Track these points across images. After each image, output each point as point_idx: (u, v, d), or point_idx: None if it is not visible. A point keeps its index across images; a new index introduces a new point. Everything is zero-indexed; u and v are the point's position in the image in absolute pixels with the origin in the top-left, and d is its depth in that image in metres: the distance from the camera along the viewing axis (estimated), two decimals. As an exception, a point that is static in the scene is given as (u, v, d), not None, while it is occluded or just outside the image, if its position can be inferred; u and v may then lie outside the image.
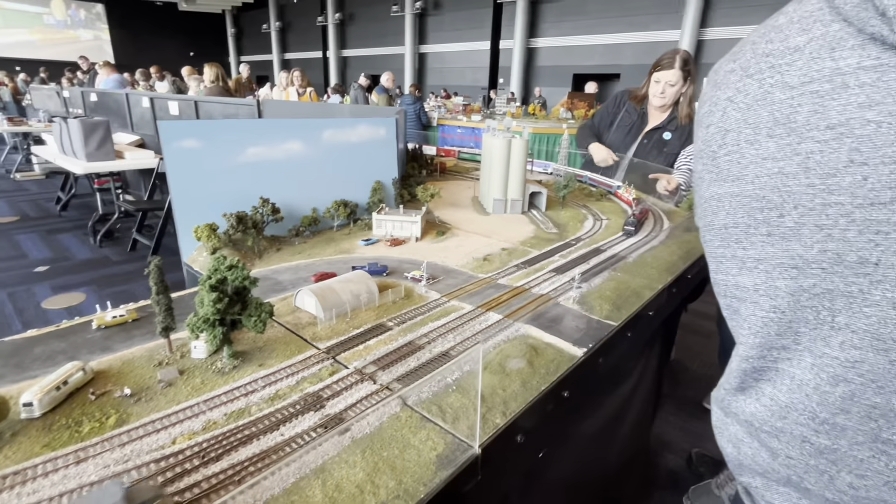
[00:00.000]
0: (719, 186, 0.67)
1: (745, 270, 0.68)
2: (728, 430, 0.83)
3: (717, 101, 0.66)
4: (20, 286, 4.82)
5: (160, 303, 1.20)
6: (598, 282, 1.80)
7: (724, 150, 0.65)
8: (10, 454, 0.92)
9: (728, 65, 0.66)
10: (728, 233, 0.68)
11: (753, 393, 0.74)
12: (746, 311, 0.70)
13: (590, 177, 3.43)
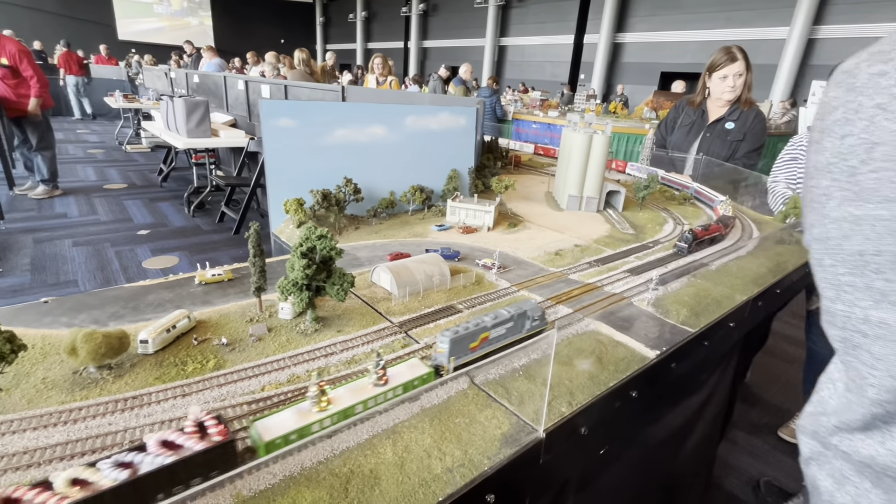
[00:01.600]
0: (857, 207, 0.58)
1: (885, 305, 0.59)
2: (830, 464, 0.77)
3: (858, 108, 0.57)
4: (125, 246, 5.42)
5: (255, 265, 1.33)
6: (675, 286, 1.74)
7: (870, 167, 0.56)
8: (130, 381, 1.06)
9: (874, 66, 0.57)
10: (864, 260, 0.60)
11: (879, 436, 0.68)
12: (882, 349, 0.61)
13: (663, 176, 3.34)
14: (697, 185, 3.07)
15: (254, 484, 0.81)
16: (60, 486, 0.63)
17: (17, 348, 0.98)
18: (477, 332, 1.12)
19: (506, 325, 1.18)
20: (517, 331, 1.22)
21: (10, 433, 0.88)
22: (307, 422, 0.87)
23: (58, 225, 5.94)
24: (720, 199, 2.63)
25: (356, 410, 0.93)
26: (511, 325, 1.20)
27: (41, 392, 1.00)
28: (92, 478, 0.65)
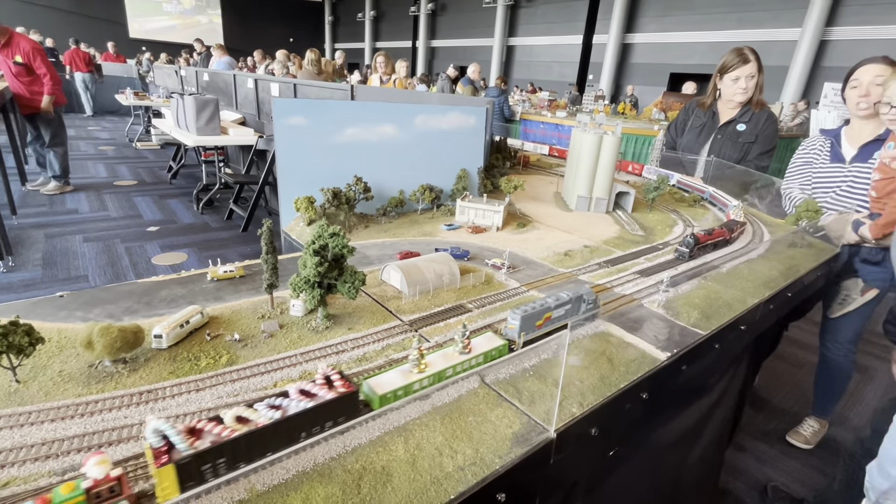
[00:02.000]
0: None
1: None
2: None
3: None
4: (135, 242, 5.47)
5: (268, 262, 1.34)
6: (686, 288, 1.73)
7: None
8: (145, 375, 1.07)
9: None
10: None
11: None
12: None
13: (679, 180, 3.31)
14: (713, 190, 3.01)
15: (267, 479, 0.82)
16: (229, 421, 0.80)
17: (36, 341, 0.99)
18: (542, 311, 1.24)
19: (565, 307, 1.30)
20: (573, 313, 1.33)
21: (29, 424, 0.90)
22: (410, 381, 1.01)
23: (69, 220, 6.01)
24: (733, 204, 2.60)
25: (447, 374, 1.07)
26: (569, 308, 1.31)
27: (58, 385, 1.02)
28: (252, 416, 0.82)
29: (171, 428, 0.73)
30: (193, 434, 0.76)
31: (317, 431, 0.88)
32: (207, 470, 0.75)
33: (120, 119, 13.81)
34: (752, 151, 3.29)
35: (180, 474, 0.71)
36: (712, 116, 3.49)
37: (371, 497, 0.81)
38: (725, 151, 3.38)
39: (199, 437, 0.75)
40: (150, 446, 0.72)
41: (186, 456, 0.71)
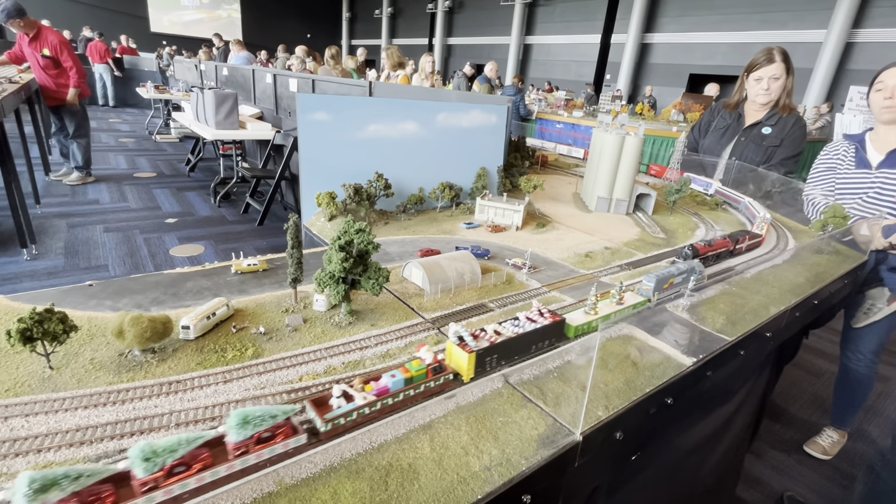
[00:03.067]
0: None
1: None
2: None
3: None
4: (154, 233, 5.55)
5: (293, 256, 1.34)
6: (710, 293, 1.70)
7: None
8: (173, 366, 1.09)
9: None
10: None
11: None
12: None
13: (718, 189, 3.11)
14: (749, 201, 2.77)
15: (296, 472, 0.82)
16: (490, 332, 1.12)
17: (69, 329, 1.01)
18: (668, 277, 1.55)
19: (682, 276, 1.59)
20: (686, 282, 1.60)
21: (63, 411, 0.91)
22: (590, 319, 1.30)
23: (90, 211, 6.12)
24: (760, 216, 2.44)
25: (610, 317, 1.35)
26: (685, 276, 1.60)
27: (90, 372, 1.03)
28: (503, 331, 1.14)
29: (466, 332, 1.08)
30: (475, 339, 1.08)
31: (540, 347, 1.20)
32: (488, 361, 1.08)
33: (140, 112, 14.03)
34: (776, 155, 3.22)
35: (477, 361, 1.05)
36: (738, 118, 3.42)
37: (398, 494, 0.81)
38: (748, 154, 3.31)
39: (478, 341, 1.08)
40: (454, 343, 1.05)
41: (481, 349, 1.05)
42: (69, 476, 0.62)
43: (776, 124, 3.22)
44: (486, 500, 0.82)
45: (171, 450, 0.69)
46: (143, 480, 0.67)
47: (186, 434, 0.73)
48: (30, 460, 0.80)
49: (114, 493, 0.65)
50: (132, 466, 0.68)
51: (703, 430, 1.69)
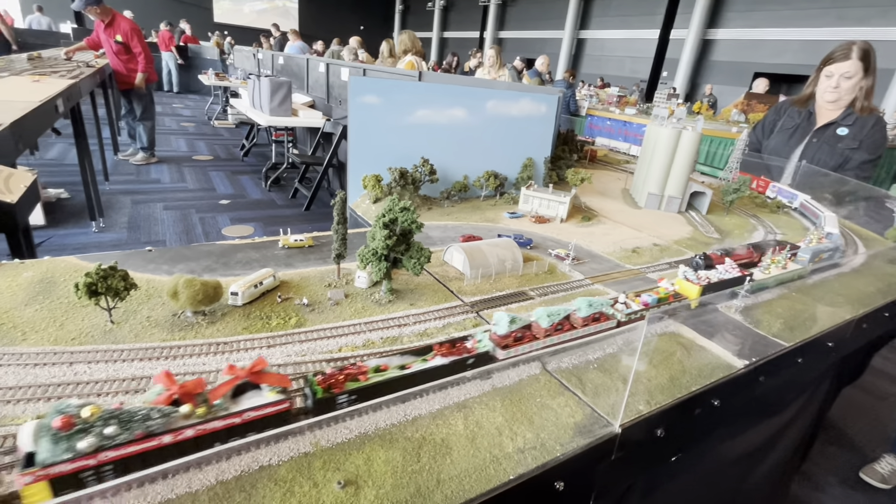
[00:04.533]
0: None
1: None
2: None
3: None
4: (208, 213, 5.82)
5: (338, 232, 1.37)
6: (767, 296, 1.61)
7: None
8: (221, 328, 1.14)
9: None
10: None
11: None
12: None
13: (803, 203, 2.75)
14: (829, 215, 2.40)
15: (331, 436, 0.84)
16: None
17: (130, 286, 1.08)
18: (819, 251, 1.82)
19: (830, 251, 1.88)
20: (833, 257, 1.90)
21: (121, 361, 0.97)
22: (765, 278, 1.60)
23: (152, 189, 6.49)
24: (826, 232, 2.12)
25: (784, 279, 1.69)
26: (833, 253, 1.90)
27: (146, 329, 1.09)
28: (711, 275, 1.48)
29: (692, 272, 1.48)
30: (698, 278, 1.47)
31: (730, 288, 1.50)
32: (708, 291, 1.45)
33: (201, 98, 14.72)
34: (854, 159, 2.97)
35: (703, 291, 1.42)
36: (808, 117, 3.17)
37: (430, 466, 0.81)
38: (821, 157, 3.06)
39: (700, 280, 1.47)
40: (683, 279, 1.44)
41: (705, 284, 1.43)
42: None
43: (853, 124, 2.97)
44: (519, 482, 0.81)
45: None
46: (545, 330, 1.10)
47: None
48: (90, 403, 0.85)
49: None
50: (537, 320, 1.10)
51: (751, 441, 1.60)
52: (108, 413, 0.68)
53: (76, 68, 5.37)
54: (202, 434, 0.73)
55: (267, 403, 0.78)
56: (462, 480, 0.79)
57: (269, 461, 0.77)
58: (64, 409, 0.66)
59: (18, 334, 1.02)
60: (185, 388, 0.75)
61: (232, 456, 0.76)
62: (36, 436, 0.64)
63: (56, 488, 0.64)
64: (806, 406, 1.89)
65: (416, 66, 6.92)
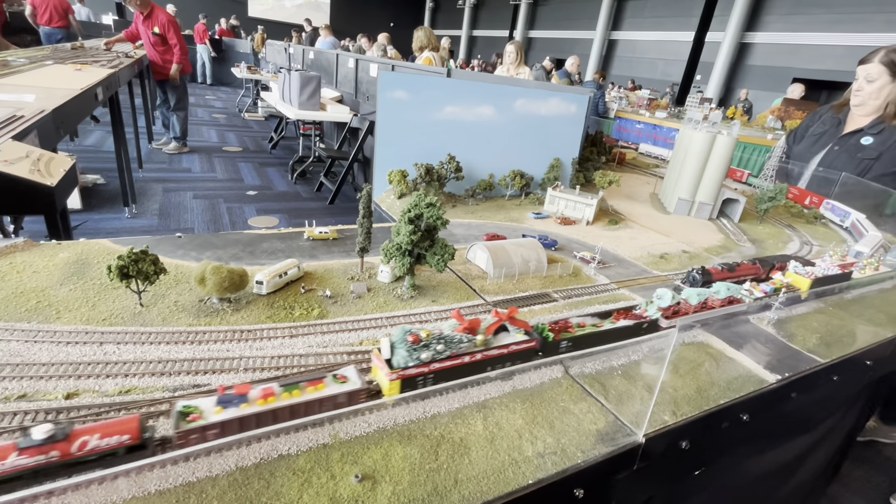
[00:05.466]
0: None
1: None
2: None
3: None
4: (236, 203, 5.94)
5: (363, 225, 1.37)
6: (801, 310, 1.54)
7: None
8: (245, 316, 1.15)
9: None
10: None
11: None
12: None
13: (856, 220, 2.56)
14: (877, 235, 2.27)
15: (350, 429, 0.84)
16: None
17: (160, 271, 1.10)
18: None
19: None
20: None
21: (148, 343, 0.99)
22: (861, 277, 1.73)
23: (183, 178, 6.65)
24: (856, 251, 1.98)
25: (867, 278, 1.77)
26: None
27: (173, 313, 1.11)
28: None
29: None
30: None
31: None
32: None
33: (232, 90, 15.03)
34: (872, 169, 2.81)
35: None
36: (837, 124, 3.03)
37: (448, 465, 0.80)
38: (838, 165, 2.90)
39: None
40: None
41: None
42: None
43: (879, 134, 2.80)
44: (538, 487, 0.79)
45: None
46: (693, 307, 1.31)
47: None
48: (118, 382, 0.87)
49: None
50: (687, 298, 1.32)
51: (777, 459, 1.54)
52: (438, 336, 0.93)
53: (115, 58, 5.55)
54: (485, 359, 0.97)
55: (522, 340, 1.02)
56: (480, 482, 0.78)
57: (289, 450, 0.77)
58: (411, 329, 0.92)
59: (53, 312, 1.05)
60: (471, 323, 0.99)
61: (252, 443, 0.77)
62: (392, 347, 0.90)
63: (403, 387, 0.89)
64: (837, 426, 1.81)
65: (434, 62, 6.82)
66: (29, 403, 0.80)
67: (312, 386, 0.84)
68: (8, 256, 1.26)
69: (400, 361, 0.88)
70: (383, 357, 0.89)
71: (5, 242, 1.30)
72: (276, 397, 0.80)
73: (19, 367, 0.87)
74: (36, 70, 3.55)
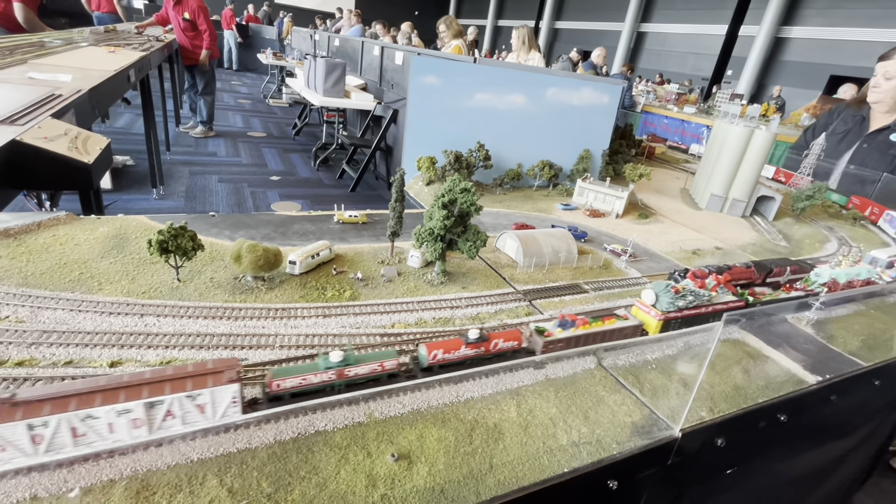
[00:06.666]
0: None
1: None
2: None
3: None
4: (259, 188, 6.01)
5: (395, 209, 1.37)
6: (842, 311, 1.50)
7: None
8: (279, 294, 1.16)
9: None
10: None
11: None
12: None
13: None
14: None
15: (385, 409, 0.84)
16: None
17: (197, 247, 1.11)
18: None
19: None
20: None
21: (187, 317, 1.01)
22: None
23: (209, 161, 6.75)
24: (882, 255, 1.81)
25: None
26: None
27: (209, 289, 1.13)
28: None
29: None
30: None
31: None
32: None
33: (258, 77, 15.16)
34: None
35: None
36: (860, 122, 2.97)
37: (482, 450, 0.80)
38: (870, 163, 2.85)
39: None
40: None
41: None
42: None
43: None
44: (574, 476, 0.79)
45: None
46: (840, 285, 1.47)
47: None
48: (159, 354, 0.89)
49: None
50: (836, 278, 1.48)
51: (811, 462, 1.50)
52: (689, 289, 1.22)
53: (146, 42, 5.64)
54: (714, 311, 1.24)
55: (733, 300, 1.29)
56: (515, 467, 0.77)
57: (325, 427, 0.78)
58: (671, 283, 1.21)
59: (95, 284, 1.07)
60: (701, 283, 1.28)
61: (290, 417, 0.78)
62: (657, 296, 1.17)
63: (664, 327, 1.16)
64: (875, 432, 1.76)
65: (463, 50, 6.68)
66: (76, 370, 0.82)
67: (608, 320, 1.12)
68: (51, 229, 1.29)
69: (664, 306, 1.16)
70: (648, 304, 1.18)
71: (49, 215, 1.34)
72: (589, 325, 1.08)
73: (65, 335, 0.89)
74: (71, 51, 3.63)
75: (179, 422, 0.69)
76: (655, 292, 1.17)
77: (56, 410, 0.62)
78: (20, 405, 0.62)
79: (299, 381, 0.80)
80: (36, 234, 1.25)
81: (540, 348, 1.02)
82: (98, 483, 0.63)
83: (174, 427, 0.69)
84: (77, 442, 0.65)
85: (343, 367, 0.84)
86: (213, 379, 0.70)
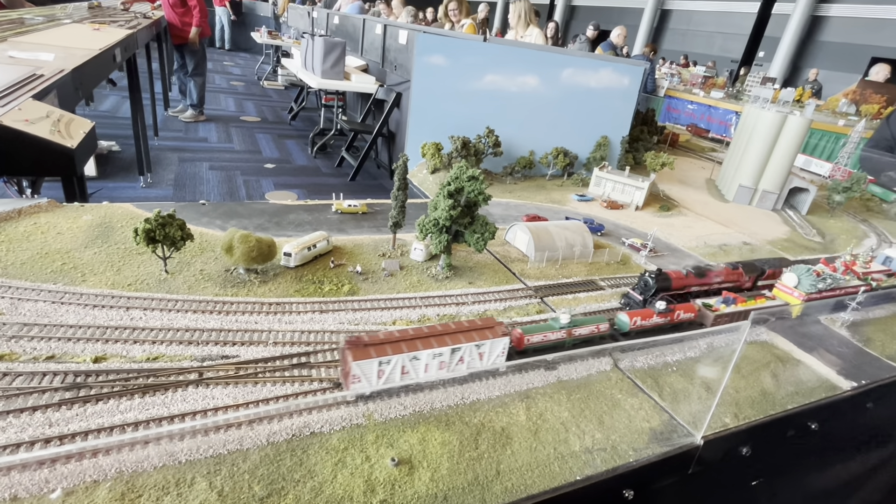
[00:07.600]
0: None
1: None
2: None
3: None
4: (253, 176, 6.02)
5: (397, 198, 1.37)
6: (880, 313, 1.48)
7: None
8: (273, 288, 1.17)
9: None
10: None
11: None
12: None
13: None
14: None
15: (385, 410, 0.84)
16: None
17: (186, 237, 1.12)
18: None
19: None
20: None
21: (175, 311, 1.02)
22: None
23: (199, 148, 6.78)
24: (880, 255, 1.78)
25: None
26: None
27: (199, 282, 1.14)
28: None
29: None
30: None
31: None
32: None
33: (251, 57, 15.17)
34: None
35: None
36: None
37: (489, 455, 0.80)
38: None
39: None
40: None
41: None
42: None
43: None
44: (587, 484, 0.79)
45: None
46: None
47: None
48: (145, 349, 0.90)
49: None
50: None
51: (843, 475, 1.50)
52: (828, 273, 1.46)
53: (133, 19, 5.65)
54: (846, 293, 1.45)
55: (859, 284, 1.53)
56: (524, 474, 0.78)
57: (321, 428, 0.78)
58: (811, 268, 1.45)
59: (79, 275, 1.08)
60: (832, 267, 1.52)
61: (283, 418, 0.78)
62: (799, 279, 1.39)
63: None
64: (911, 444, 1.74)
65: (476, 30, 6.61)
66: (58, 365, 0.83)
67: (759, 299, 1.35)
68: (32, 216, 1.31)
69: (806, 288, 1.38)
70: (790, 286, 1.40)
71: (30, 202, 1.35)
72: (745, 303, 1.29)
73: (47, 328, 0.90)
74: (53, 29, 3.65)
75: (465, 366, 0.91)
76: (797, 275, 1.39)
77: (394, 352, 0.83)
78: (371, 346, 0.83)
79: (542, 337, 1.02)
80: (16, 222, 1.26)
81: (710, 321, 1.21)
82: (81, 484, 0.64)
83: (460, 369, 0.90)
84: (403, 378, 0.85)
85: (571, 328, 1.05)
86: (491, 332, 0.92)
